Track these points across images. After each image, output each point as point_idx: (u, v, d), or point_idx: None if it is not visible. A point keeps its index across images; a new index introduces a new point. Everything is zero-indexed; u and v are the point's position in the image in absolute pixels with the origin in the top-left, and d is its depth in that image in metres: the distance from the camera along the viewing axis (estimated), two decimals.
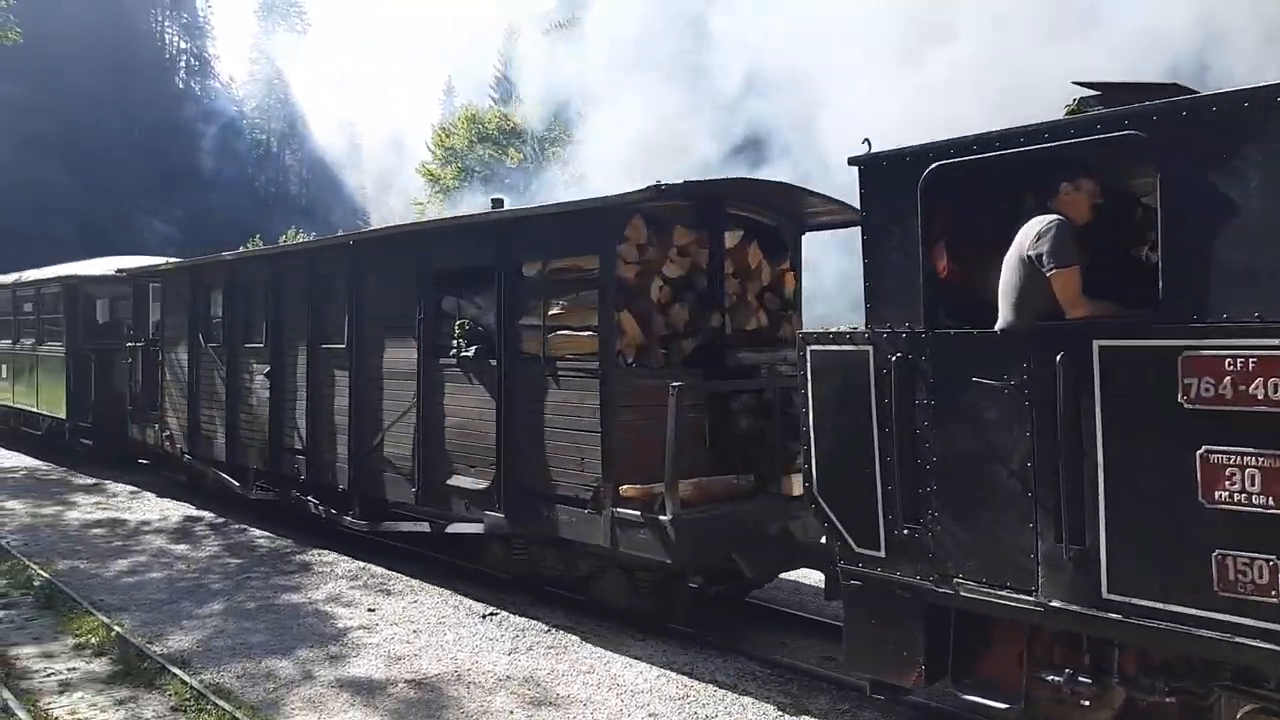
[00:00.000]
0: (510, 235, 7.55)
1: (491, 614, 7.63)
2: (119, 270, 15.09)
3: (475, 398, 7.80)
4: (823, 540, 5.25)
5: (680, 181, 6.39)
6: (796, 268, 8.04)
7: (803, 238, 8.09)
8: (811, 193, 7.27)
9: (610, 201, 6.73)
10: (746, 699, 5.90)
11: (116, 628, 7.17)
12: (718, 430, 7.13)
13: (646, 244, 7.12)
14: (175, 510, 12.30)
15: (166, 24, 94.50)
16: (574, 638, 7.04)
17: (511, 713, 5.73)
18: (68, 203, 65.93)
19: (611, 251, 6.75)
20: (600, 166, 30.69)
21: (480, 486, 7.67)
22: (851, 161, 4.91)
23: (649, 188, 6.36)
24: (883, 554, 4.79)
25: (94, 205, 67.33)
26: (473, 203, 42.71)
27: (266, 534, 10.76)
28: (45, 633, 7.27)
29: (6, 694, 5.83)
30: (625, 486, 6.48)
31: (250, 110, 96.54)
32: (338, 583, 8.71)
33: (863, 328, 4.82)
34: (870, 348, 4.77)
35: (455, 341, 7.94)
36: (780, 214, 7.87)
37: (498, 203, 8.96)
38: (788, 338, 7.88)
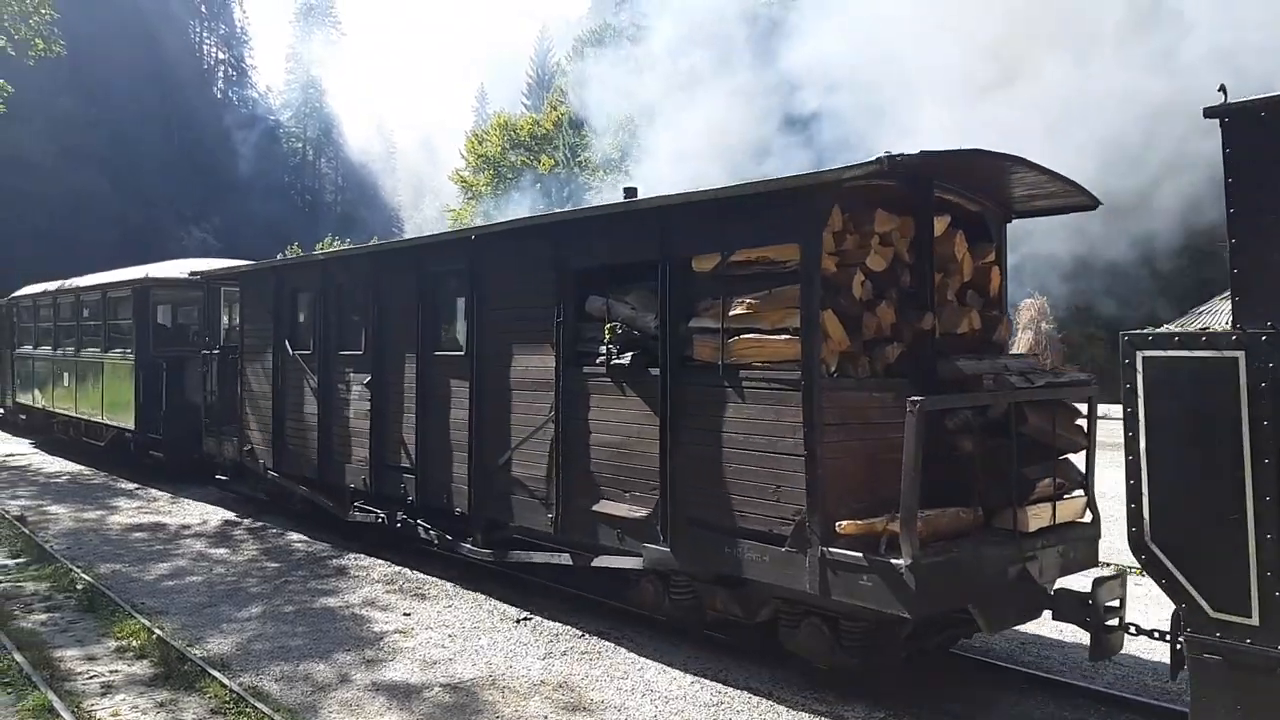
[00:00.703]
0: (676, 224, 6.50)
1: (525, 619, 7.64)
2: (191, 273, 14.20)
3: (630, 412, 6.76)
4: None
5: (915, 152, 5.30)
6: (1002, 261, 6.94)
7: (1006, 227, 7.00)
8: (1046, 170, 6.14)
9: (816, 179, 5.64)
10: (781, 707, 5.85)
11: (157, 630, 7.22)
12: (930, 454, 6.03)
13: (844, 230, 6.05)
14: (214, 515, 12.40)
15: (205, 34, 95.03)
16: (607, 643, 7.02)
17: (546, 718, 5.71)
18: (108, 211, 66.15)
19: (816, 239, 5.68)
20: (662, 170, 29.76)
21: (638, 515, 6.63)
22: (1210, 113, 3.84)
23: (875, 159, 5.28)
24: (1257, 622, 3.70)
25: (133, 213, 67.58)
26: (518, 207, 41.92)
27: (303, 538, 10.83)
28: (88, 635, 7.34)
29: (51, 695, 5.89)
30: (845, 523, 5.40)
31: (286, 119, 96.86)
32: (373, 587, 8.74)
33: (1221, 327, 3.73)
34: (1241, 353, 3.70)
35: (605, 348, 6.92)
36: (987, 197, 6.77)
37: (631, 191, 7.91)
38: (1002, 342, 6.79)
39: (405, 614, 7.88)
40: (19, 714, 5.70)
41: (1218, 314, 24.97)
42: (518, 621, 7.58)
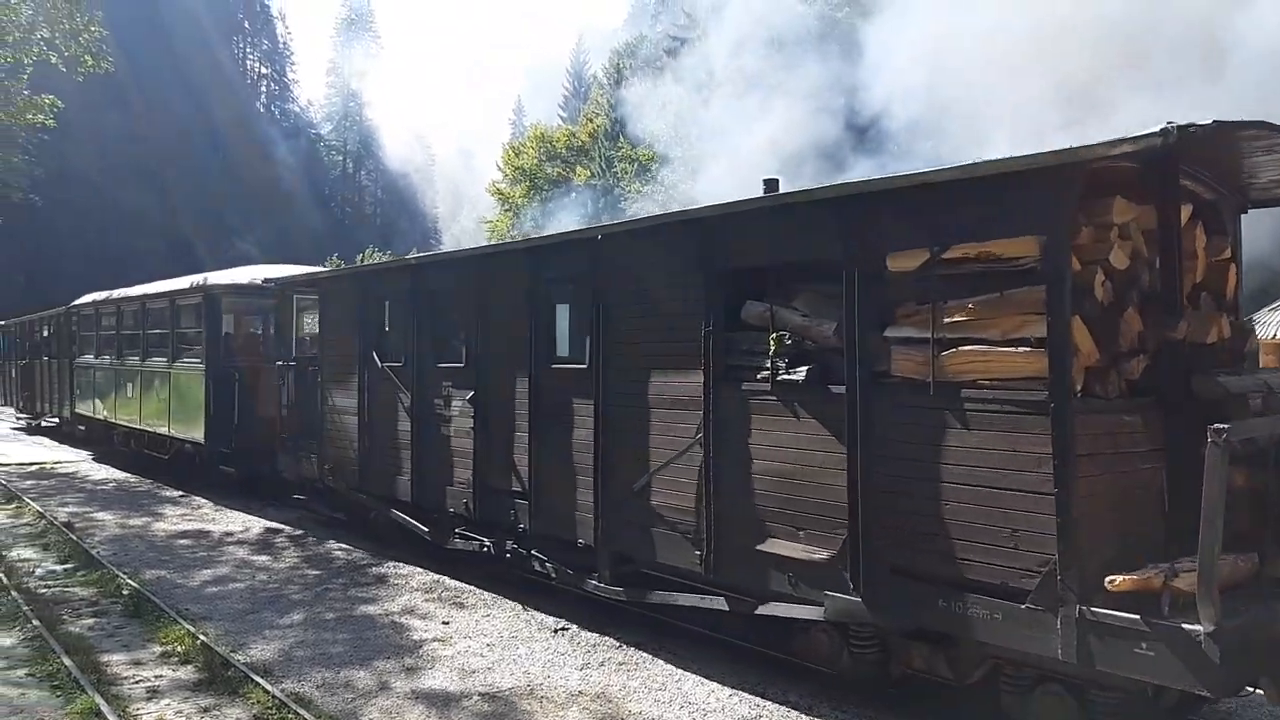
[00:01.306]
0: (867, 216, 5.50)
1: (563, 629, 7.60)
2: (265, 280, 13.42)
3: (804, 436, 5.79)
4: None
5: (1208, 121, 4.29)
6: (1238, 258, 5.90)
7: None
8: None
9: (1067, 156, 4.61)
10: None
11: (201, 636, 7.27)
12: (1177, 489, 5.02)
13: (1076, 222, 5.04)
14: (256, 523, 12.43)
15: (248, 50, 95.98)
16: (645, 654, 6.95)
17: None
18: (154, 224, 66.66)
19: (1062, 230, 4.68)
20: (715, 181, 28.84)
21: (817, 557, 5.64)
22: None
23: (1160, 130, 4.27)
24: None
25: (179, 226, 68.01)
26: (568, 218, 41.26)
27: (343, 546, 10.81)
28: (134, 640, 7.41)
29: (99, 699, 5.95)
30: (1118, 577, 4.38)
31: (327, 132, 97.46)
32: (413, 595, 8.75)
33: None
34: None
35: (769, 362, 5.97)
36: (1223, 182, 5.74)
37: (772, 184, 6.95)
38: (1254, 354, 5.75)
39: (444, 622, 7.87)
40: (68, 717, 5.79)
41: None
42: (555, 631, 7.57)
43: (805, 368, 5.78)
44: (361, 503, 10.64)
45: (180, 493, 14.83)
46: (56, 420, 23.01)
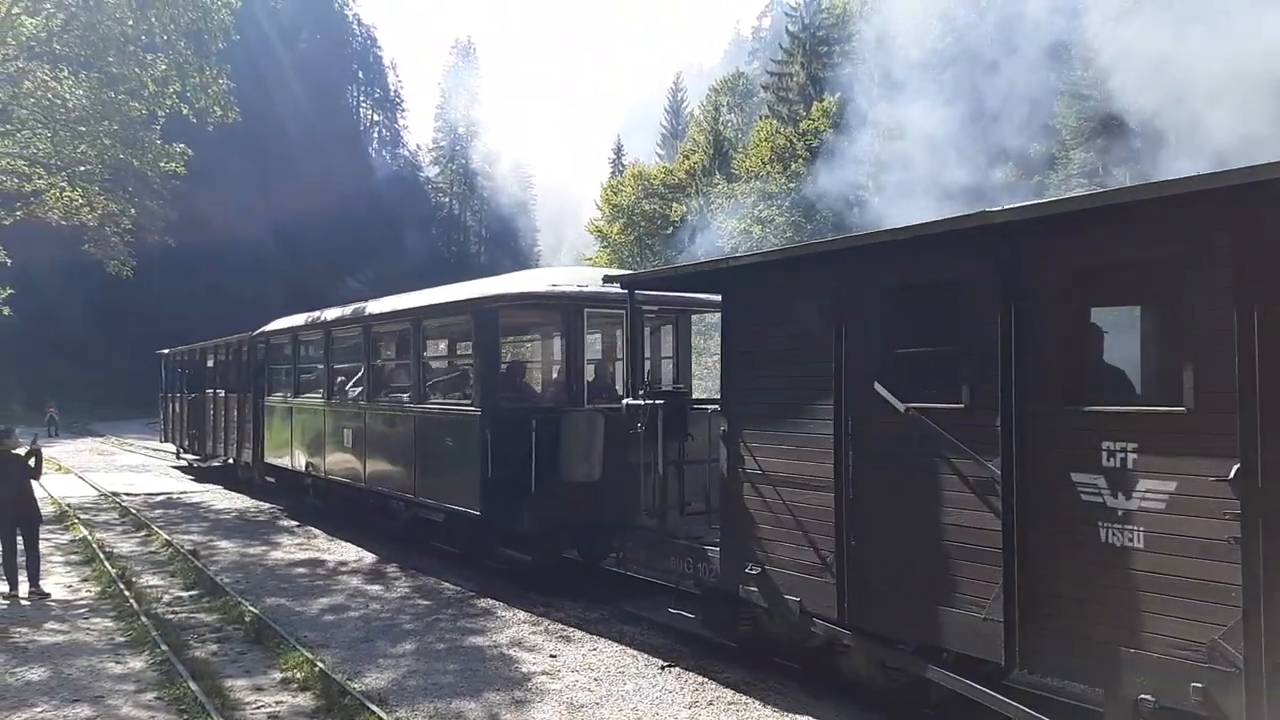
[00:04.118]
0: None
1: (669, 666, 7.51)
2: (605, 278, 9.77)
3: None
4: None
5: None
6: None
7: None
8: None
9: None
10: None
11: (319, 664, 7.36)
12: None
13: None
14: (367, 555, 12.53)
15: (361, 99, 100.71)
16: (752, 697, 6.77)
17: None
18: (273, 266, 70.16)
19: None
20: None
21: None
22: None
23: None
24: None
25: (295, 268, 71.39)
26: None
27: (451, 580, 10.74)
28: (255, 666, 7.59)
29: None
30: None
31: (435, 175, 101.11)
32: (520, 627, 8.76)
33: None
34: None
35: None
36: None
37: None
38: None
39: (551, 655, 7.87)
40: None
41: None
42: (662, 668, 7.48)
43: None
44: (837, 642, 6.60)
45: (295, 522, 15.21)
46: (227, 462, 20.14)
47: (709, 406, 8.60)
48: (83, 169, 19.29)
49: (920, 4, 33.17)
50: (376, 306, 13.06)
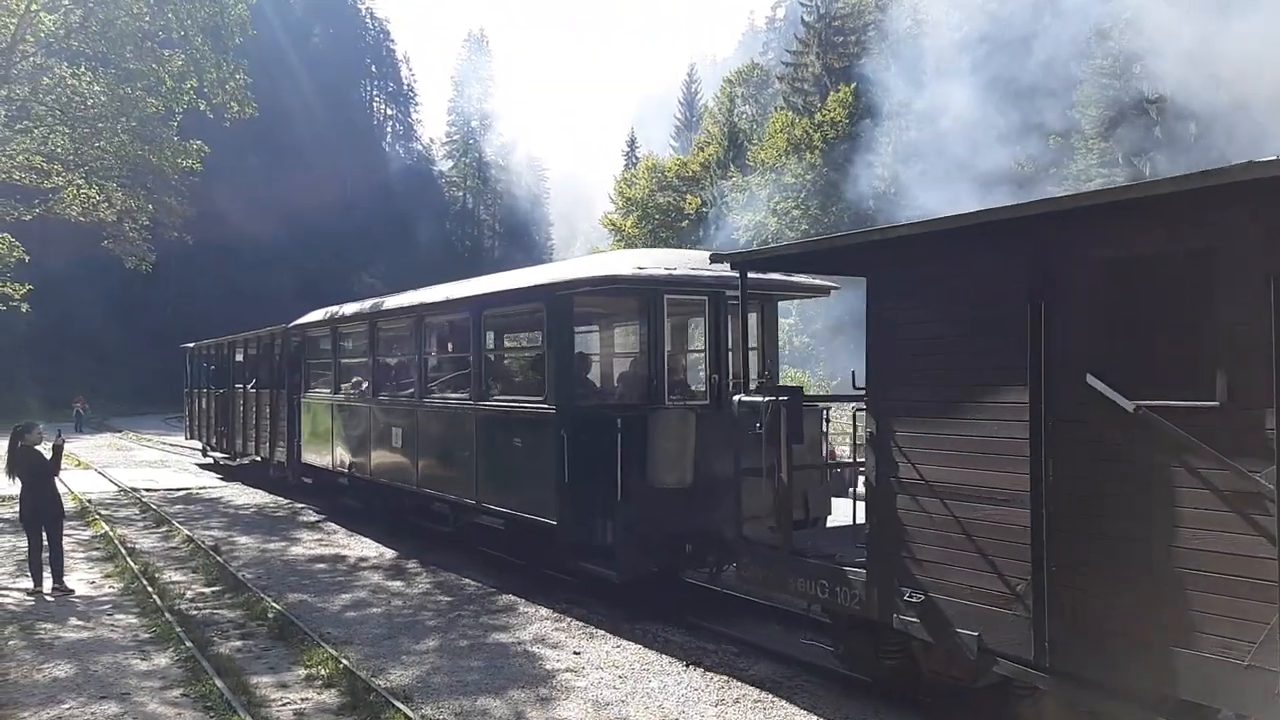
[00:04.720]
0: None
1: (694, 663, 7.43)
2: (712, 257, 7.74)
3: None
4: None
5: None
6: None
7: None
8: None
9: None
10: None
11: (344, 660, 7.30)
12: None
13: None
14: (389, 550, 12.42)
15: (375, 93, 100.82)
16: (780, 696, 6.69)
17: None
18: (287, 261, 70.33)
19: None
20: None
21: None
22: None
23: None
24: None
25: (308, 262, 71.56)
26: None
27: (472, 576, 10.69)
28: (279, 663, 7.53)
29: None
30: None
31: (448, 169, 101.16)
32: (542, 624, 8.69)
33: None
34: None
35: None
36: None
37: None
38: None
39: (575, 652, 7.80)
40: None
41: None
42: (687, 665, 7.40)
43: None
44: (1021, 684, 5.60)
45: (316, 517, 15.17)
46: (256, 460, 19.40)
47: (816, 403, 8.27)
48: (101, 165, 19.33)
49: None
50: (430, 295, 12.06)
